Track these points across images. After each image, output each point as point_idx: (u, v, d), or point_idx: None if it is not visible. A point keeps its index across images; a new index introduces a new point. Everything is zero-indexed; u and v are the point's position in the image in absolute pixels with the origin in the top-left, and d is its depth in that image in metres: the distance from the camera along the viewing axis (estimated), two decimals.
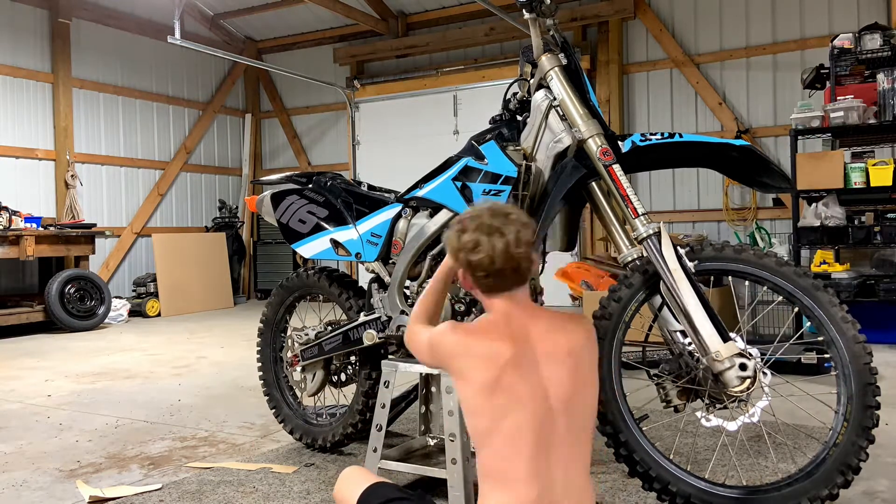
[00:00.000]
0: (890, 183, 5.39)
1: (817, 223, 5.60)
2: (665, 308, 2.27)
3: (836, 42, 5.77)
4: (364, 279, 3.16)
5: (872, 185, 5.47)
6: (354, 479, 1.84)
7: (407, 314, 2.67)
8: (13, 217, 7.11)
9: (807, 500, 2.07)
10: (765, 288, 2.22)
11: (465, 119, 8.76)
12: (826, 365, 4.21)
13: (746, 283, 2.27)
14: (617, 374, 2.27)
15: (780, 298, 2.22)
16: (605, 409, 2.25)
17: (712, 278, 2.45)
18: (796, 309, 2.20)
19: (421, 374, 2.82)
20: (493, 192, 2.43)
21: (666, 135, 2.34)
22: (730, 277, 2.29)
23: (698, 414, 2.20)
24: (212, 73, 10.48)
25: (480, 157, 2.51)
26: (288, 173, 3.28)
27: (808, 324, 2.22)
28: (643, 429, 2.26)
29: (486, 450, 1.62)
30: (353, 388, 3.08)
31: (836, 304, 2.12)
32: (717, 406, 2.17)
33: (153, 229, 9.42)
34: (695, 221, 7.95)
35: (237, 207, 10.57)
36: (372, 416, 2.64)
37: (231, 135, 10.82)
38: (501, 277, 1.68)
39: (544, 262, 2.52)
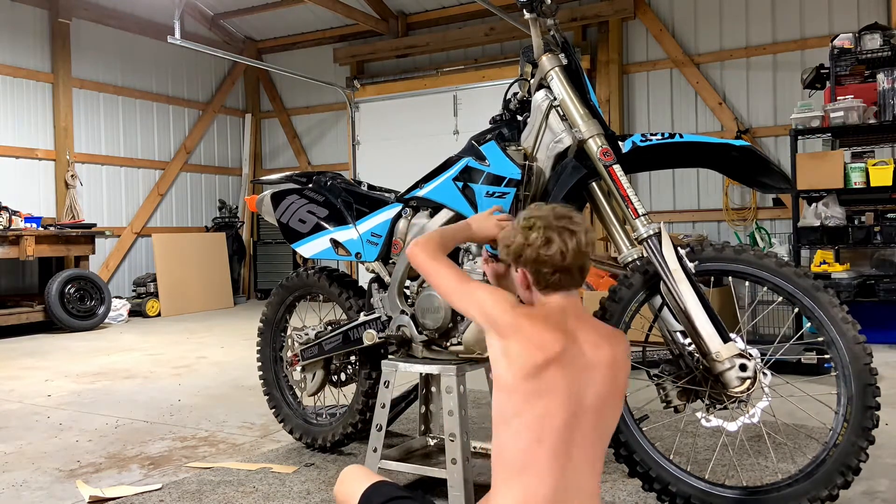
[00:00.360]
0: (890, 183, 5.39)
1: (817, 223, 5.60)
2: (665, 308, 2.27)
3: (836, 42, 5.77)
4: (364, 279, 3.16)
5: (872, 185, 5.46)
6: (356, 478, 1.84)
7: (406, 314, 2.67)
8: (13, 217, 7.11)
9: (806, 501, 2.07)
10: (765, 288, 2.22)
11: (465, 119, 8.76)
12: (826, 366, 4.21)
13: (747, 283, 2.27)
14: None
15: (780, 299, 2.22)
16: None
17: (713, 279, 2.44)
18: (796, 309, 2.20)
19: (421, 374, 2.82)
20: (497, 195, 2.43)
21: (666, 135, 2.34)
22: (730, 278, 2.29)
23: (698, 414, 2.20)
24: (212, 73, 10.48)
25: (481, 158, 2.51)
26: (288, 173, 3.27)
27: (809, 324, 2.22)
28: (643, 429, 2.26)
29: (506, 433, 1.64)
30: (352, 387, 3.08)
31: (836, 305, 2.12)
32: (717, 406, 2.17)
33: (153, 229, 9.42)
34: (695, 221, 7.95)
35: (237, 207, 10.57)
36: (372, 415, 2.64)
37: (231, 135, 10.82)
38: (568, 275, 1.73)
39: None
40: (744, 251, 2.21)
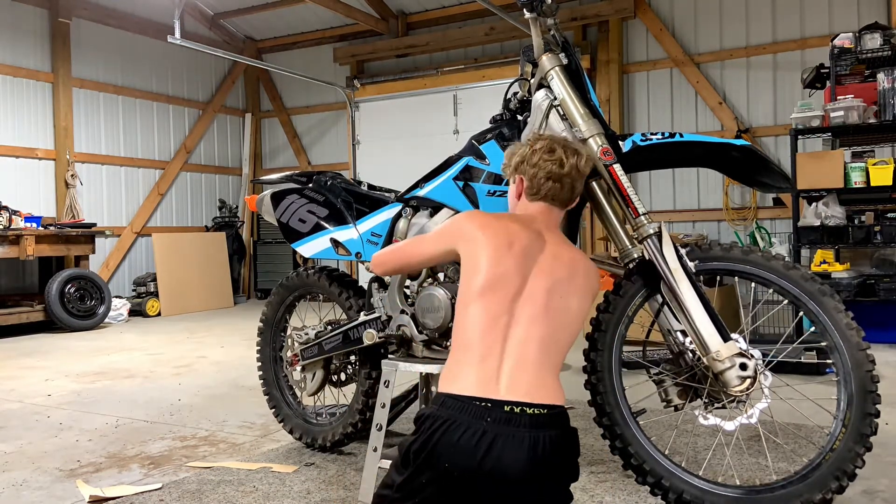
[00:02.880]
0: (890, 182, 5.39)
1: (817, 223, 5.59)
2: (666, 307, 2.27)
3: (837, 41, 5.76)
4: (364, 279, 3.16)
5: (872, 184, 5.46)
6: None
7: (407, 313, 2.67)
8: (13, 217, 7.10)
9: (799, 503, 2.07)
10: (770, 290, 2.22)
11: (465, 119, 8.76)
12: (828, 371, 4.20)
13: (753, 284, 2.27)
14: (617, 368, 2.27)
15: (786, 301, 2.22)
16: (603, 402, 2.25)
17: (719, 278, 2.45)
18: (800, 312, 2.20)
19: (421, 373, 2.81)
20: (498, 194, 2.43)
21: (666, 134, 2.34)
22: (735, 278, 2.30)
23: (696, 412, 2.20)
24: (212, 72, 10.47)
25: (481, 157, 2.51)
26: (288, 172, 3.27)
27: (813, 328, 2.22)
28: (640, 423, 2.27)
29: (462, 312, 1.80)
30: (352, 387, 3.08)
31: (841, 311, 2.11)
32: (716, 405, 2.17)
33: (153, 229, 9.42)
34: (695, 221, 7.95)
35: (237, 207, 10.57)
36: (372, 415, 2.64)
37: (231, 134, 10.82)
38: (559, 185, 1.95)
39: None
40: (752, 252, 2.22)
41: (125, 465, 3.04)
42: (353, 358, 3.09)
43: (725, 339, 2.11)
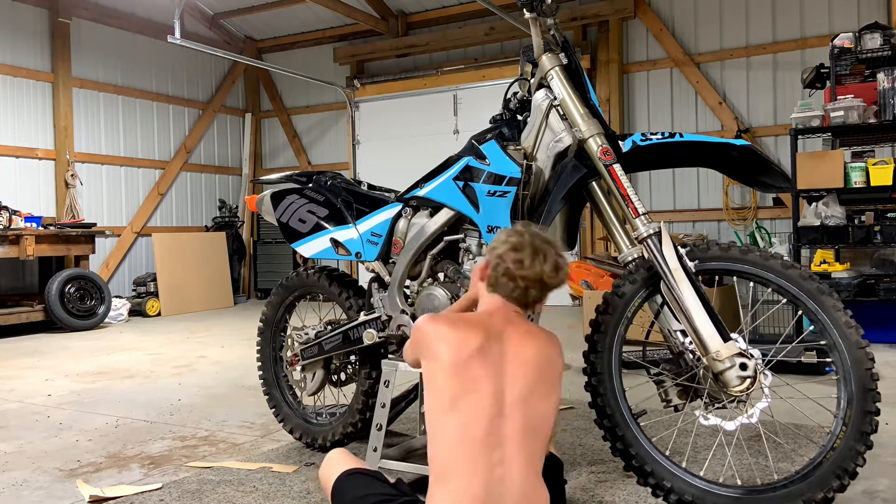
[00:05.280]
0: (890, 182, 5.38)
1: (817, 223, 5.59)
2: (665, 307, 2.27)
3: (837, 41, 5.76)
4: (364, 278, 3.16)
5: (872, 184, 5.46)
6: (335, 462, 1.93)
7: (407, 313, 2.67)
8: (13, 217, 7.11)
9: (801, 502, 2.07)
10: (769, 290, 2.21)
11: (465, 119, 8.77)
12: (828, 369, 4.20)
13: (751, 284, 2.27)
14: (617, 369, 2.27)
15: (785, 300, 2.22)
16: (604, 404, 2.25)
17: (717, 278, 2.45)
18: (799, 311, 2.20)
19: (421, 373, 2.81)
20: (498, 194, 2.43)
21: (666, 134, 2.34)
22: (734, 278, 2.30)
23: (696, 412, 2.20)
24: (212, 72, 10.48)
25: (481, 157, 2.51)
26: (288, 172, 3.27)
27: (812, 327, 2.22)
28: (640, 424, 2.26)
29: (437, 432, 1.74)
30: (352, 387, 3.08)
31: (840, 309, 2.11)
32: (716, 405, 2.17)
33: (153, 229, 9.42)
34: (695, 221, 7.96)
35: (237, 207, 10.57)
36: (372, 415, 2.64)
37: (231, 134, 10.82)
38: (512, 285, 1.85)
39: None
40: (750, 251, 2.21)
41: (125, 465, 3.04)
42: (353, 358, 3.09)
43: (725, 339, 2.11)
